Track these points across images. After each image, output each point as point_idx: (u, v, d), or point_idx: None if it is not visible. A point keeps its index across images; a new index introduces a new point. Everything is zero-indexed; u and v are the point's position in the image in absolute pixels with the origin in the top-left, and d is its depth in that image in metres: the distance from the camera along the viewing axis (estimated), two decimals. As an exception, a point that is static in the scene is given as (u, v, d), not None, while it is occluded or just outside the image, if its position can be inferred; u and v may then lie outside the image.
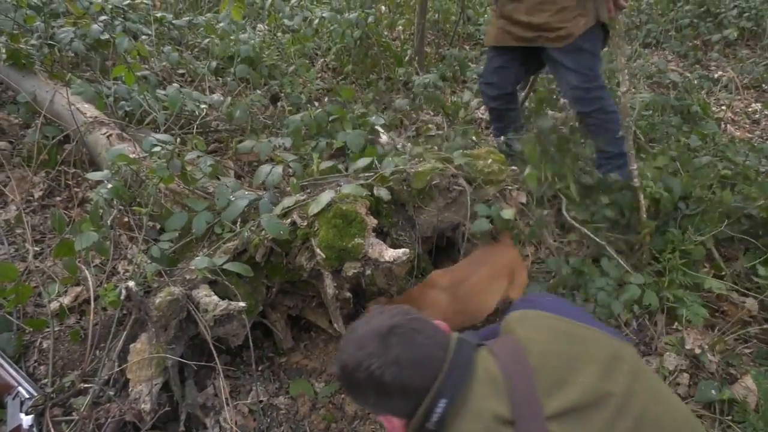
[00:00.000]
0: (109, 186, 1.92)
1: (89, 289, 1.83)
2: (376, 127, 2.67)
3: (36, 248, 2.27)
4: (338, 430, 1.91)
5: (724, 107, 4.37)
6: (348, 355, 1.14)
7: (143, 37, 3.52)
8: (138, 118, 2.75)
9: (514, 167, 2.40)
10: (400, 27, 4.98)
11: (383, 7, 5.20)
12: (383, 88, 3.96)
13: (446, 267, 2.59)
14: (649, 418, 1.02)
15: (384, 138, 2.70)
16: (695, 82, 4.54)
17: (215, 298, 1.70)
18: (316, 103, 3.49)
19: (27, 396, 1.60)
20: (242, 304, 1.69)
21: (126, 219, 2.26)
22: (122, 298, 1.70)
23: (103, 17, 3.27)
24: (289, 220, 1.84)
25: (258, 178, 2.04)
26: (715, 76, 4.94)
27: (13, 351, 1.85)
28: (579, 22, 2.50)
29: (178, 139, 2.19)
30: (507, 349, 1.12)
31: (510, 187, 2.45)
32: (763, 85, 4.79)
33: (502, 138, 2.93)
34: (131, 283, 1.67)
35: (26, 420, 1.55)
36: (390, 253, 1.75)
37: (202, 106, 2.79)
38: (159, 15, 3.82)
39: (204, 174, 2.10)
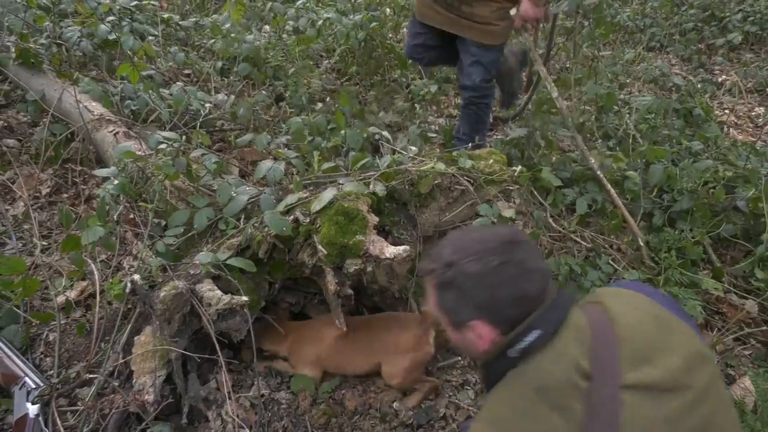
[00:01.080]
0: (116, 182, 1.95)
1: (95, 283, 1.86)
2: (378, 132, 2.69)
3: (43, 243, 2.31)
4: (338, 425, 1.94)
5: (727, 111, 4.38)
6: (463, 249, 1.12)
7: (150, 37, 3.56)
8: (144, 117, 2.79)
9: (513, 168, 2.42)
10: (405, 29, 5.01)
11: (388, 10, 5.23)
12: (386, 90, 3.99)
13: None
14: (716, 423, 1.02)
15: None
16: (698, 85, 4.55)
17: (218, 292, 1.73)
18: (320, 104, 3.52)
19: (33, 386, 1.64)
20: (245, 298, 1.72)
21: (132, 216, 2.29)
22: (127, 291, 1.73)
23: (110, 18, 3.32)
24: (291, 217, 1.87)
25: (259, 174, 2.07)
26: (719, 80, 4.95)
27: (20, 343, 1.88)
28: (509, 25, 2.71)
29: (184, 137, 2.23)
30: (596, 313, 1.12)
31: (511, 188, 2.47)
32: (767, 89, 4.79)
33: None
34: (136, 277, 1.70)
35: (32, 409, 1.58)
36: (391, 250, 1.77)
37: (207, 104, 2.83)
38: (166, 16, 3.86)
39: (208, 171, 2.13)
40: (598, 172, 2.57)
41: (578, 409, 0.98)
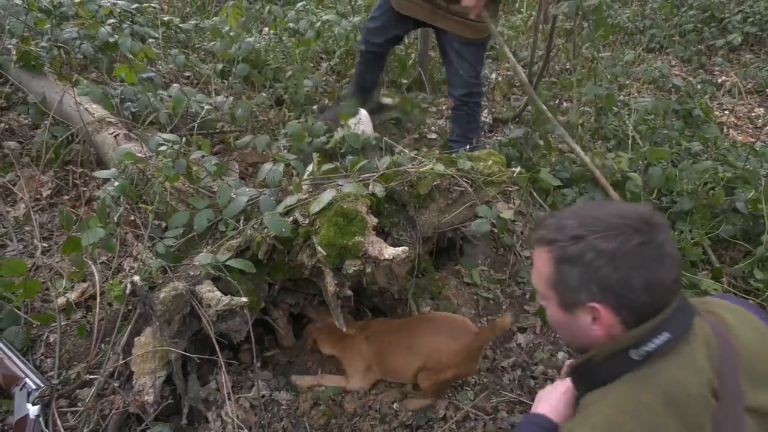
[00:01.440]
0: (116, 184, 1.96)
1: (95, 284, 1.87)
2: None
3: (44, 245, 2.32)
4: (338, 426, 1.94)
5: (727, 112, 4.38)
6: (595, 222, 1.00)
7: (151, 40, 3.58)
8: (143, 119, 2.80)
9: (513, 169, 2.43)
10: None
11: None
12: (386, 91, 3.99)
13: (448, 268, 2.64)
14: None
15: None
16: (698, 86, 4.56)
17: (218, 293, 1.74)
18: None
19: (34, 387, 1.64)
20: (244, 299, 1.72)
21: (132, 217, 2.30)
22: (127, 293, 1.74)
23: (111, 20, 3.33)
24: (291, 218, 1.88)
25: (261, 176, 2.08)
26: (719, 80, 4.95)
27: (21, 344, 1.89)
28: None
29: (184, 139, 2.24)
30: (716, 324, 1.03)
31: (510, 189, 2.48)
32: (767, 90, 4.80)
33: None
34: (136, 278, 1.71)
35: (33, 410, 1.59)
36: (389, 251, 1.78)
37: (206, 106, 2.83)
38: (166, 18, 3.88)
39: (208, 173, 2.14)
40: (592, 166, 2.58)
41: (708, 429, 0.91)
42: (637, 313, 0.98)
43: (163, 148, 2.07)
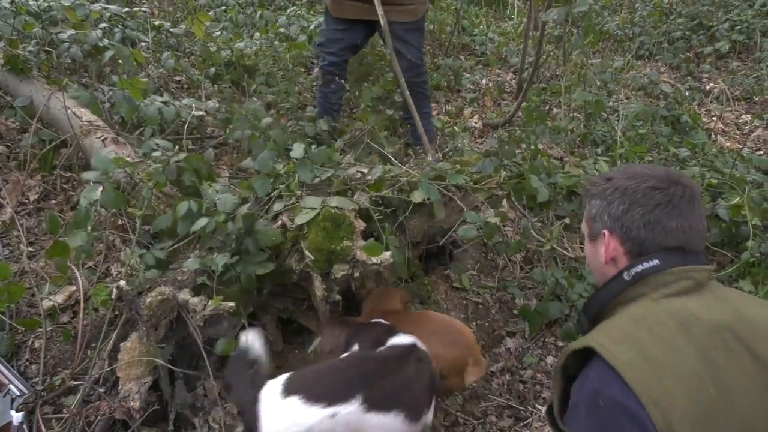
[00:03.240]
0: (99, 191, 1.93)
1: (80, 289, 1.85)
2: None
3: (30, 249, 2.30)
4: None
5: (714, 118, 4.42)
6: (628, 171, 1.17)
7: (141, 44, 3.56)
8: (134, 124, 2.79)
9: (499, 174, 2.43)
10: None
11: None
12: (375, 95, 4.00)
13: (437, 273, 2.64)
14: None
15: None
16: (686, 93, 4.60)
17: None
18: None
19: (18, 393, 1.63)
20: (231, 304, 1.72)
21: (120, 222, 2.29)
22: (114, 298, 1.73)
23: (102, 25, 3.32)
24: (279, 223, 1.87)
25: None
26: (707, 87, 5.00)
27: (6, 350, 1.87)
28: (422, 4, 2.97)
29: (176, 147, 2.22)
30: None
31: (499, 193, 2.49)
32: (754, 97, 4.85)
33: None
34: (122, 283, 1.69)
35: (16, 417, 1.57)
36: (378, 256, 1.78)
37: (197, 113, 2.82)
38: (157, 23, 3.86)
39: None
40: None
41: (721, 361, 0.93)
42: (640, 247, 1.10)
43: (156, 153, 2.06)
